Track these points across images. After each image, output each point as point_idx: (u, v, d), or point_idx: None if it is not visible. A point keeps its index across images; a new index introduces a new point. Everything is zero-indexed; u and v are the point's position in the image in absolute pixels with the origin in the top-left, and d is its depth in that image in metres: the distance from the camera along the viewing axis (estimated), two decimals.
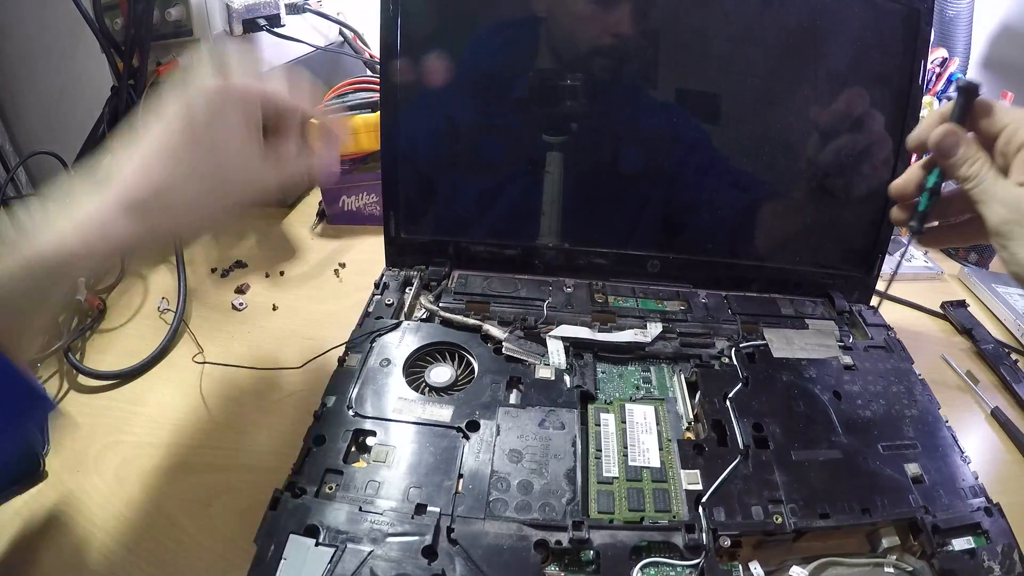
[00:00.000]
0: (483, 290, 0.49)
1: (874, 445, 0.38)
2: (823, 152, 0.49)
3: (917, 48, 0.47)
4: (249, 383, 0.46)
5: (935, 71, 0.65)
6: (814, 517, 0.34)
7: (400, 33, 0.47)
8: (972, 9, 0.69)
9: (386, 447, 0.36)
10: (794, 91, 0.48)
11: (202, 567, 0.34)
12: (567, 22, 0.48)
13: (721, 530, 0.32)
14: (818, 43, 0.47)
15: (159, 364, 0.48)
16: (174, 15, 0.59)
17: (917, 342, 0.51)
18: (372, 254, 0.61)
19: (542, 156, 0.50)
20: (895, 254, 0.38)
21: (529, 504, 0.33)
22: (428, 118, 0.50)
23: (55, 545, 0.35)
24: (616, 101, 0.49)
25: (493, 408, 0.39)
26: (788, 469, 0.36)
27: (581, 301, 0.49)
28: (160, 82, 0.60)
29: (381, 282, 0.50)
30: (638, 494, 0.34)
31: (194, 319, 0.53)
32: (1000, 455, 0.44)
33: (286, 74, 0.39)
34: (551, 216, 0.51)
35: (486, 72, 0.49)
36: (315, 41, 0.71)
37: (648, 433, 0.38)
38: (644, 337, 0.45)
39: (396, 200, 0.51)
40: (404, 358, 0.42)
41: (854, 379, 0.43)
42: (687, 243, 0.52)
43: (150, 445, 0.41)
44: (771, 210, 0.51)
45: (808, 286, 0.53)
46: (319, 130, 0.41)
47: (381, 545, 0.30)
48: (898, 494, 0.35)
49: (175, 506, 0.37)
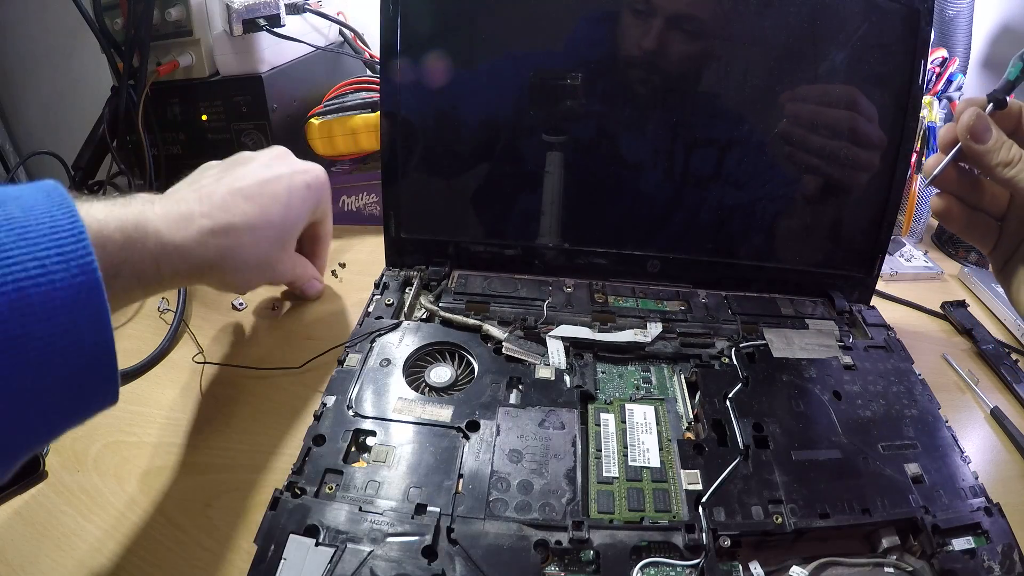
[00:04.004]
0: (483, 290, 0.49)
1: (874, 445, 0.38)
2: (823, 152, 0.49)
3: (917, 48, 0.47)
4: (249, 383, 0.46)
5: (935, 71, 0.65)
6: (814, 517, 0.34)
7: (400, 33, 0.47)
8: (972, 9, 0.69)
9: (386, 447, 0.36)
10: (794, 91, 0.48)
11: (202, 567, 0.34)
12: (567, 22, 0.48)
13: (721, 530, 0.32)
14: (818, 43, 0.47)
15: (159, 364, 0.48)
16: (174, 15, 0.59)
17: (917, 342, 0.51)
18: (372, 254, 0.62)
19: (542, 156, 0.50)
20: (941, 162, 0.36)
21: (529, 504, 0.33)
22: (428, 118, 0.50)
23: (55, 545, 0.35)
24: (616, 100, 0.49)
25: (493, 408, 0.39)
26: (788, 469, 0.36)
27: (581, 301, 0.49)
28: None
29: (381, 282, 0.50)
30: (638, 494, 0.34)
31: (194, 319, 0.53)
32: (1000, 455, 0.44)
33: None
34: (551, 216, 0.51)
35: (486, 72, 0.49)
36: (315, 41, 0.71)
37: (648, 433, 0.38)
38: (644, 337, 0.45)
39: (396, 200, 0.51)
40: (404, 358, 0.42)
41: (854, 379, 0.43)
42: (687, 243, 0.52)
43: (150, 445, 0.41)
44: (771, 210, 0.51)
45: (808, 286, 0.53)
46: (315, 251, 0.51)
47: (381, 545, 0.30)
48: (898, 494, 0.35)
49: (175, 506, 0.37)
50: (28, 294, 0.23)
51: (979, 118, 0.35)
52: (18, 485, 0.38)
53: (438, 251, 0.52)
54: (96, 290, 0.25)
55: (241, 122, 0.65)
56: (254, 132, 0.65)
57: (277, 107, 0.65)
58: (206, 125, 0.65)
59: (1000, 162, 0.34)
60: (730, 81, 0.48)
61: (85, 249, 0.25)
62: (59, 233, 0.24)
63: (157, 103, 0.64)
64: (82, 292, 0.24)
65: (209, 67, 0.63)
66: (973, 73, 0.77)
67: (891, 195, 0.50)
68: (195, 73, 0.63)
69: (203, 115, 0.65)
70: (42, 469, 0.39)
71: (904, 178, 0.50)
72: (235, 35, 0.61)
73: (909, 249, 0.66)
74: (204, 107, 0.65)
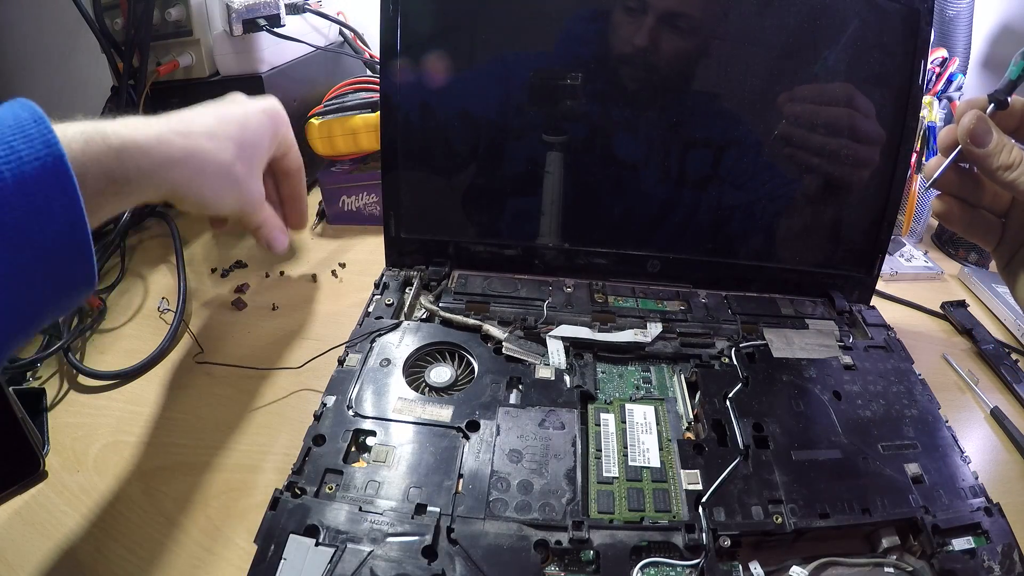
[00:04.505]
0: (483, 290, 0.49)
1: (874, 445, 0.38)
2: (823, 151, 0.49)
3: (917, 48, 0.47)
4: (249, 383, 0.46)
5: (935, 71, 0.65)
6: (814, 517, 0.34)
7: (400, 33, 0.47)
8: (972, 9, 0.69)
9: (386, 447, 0.36)
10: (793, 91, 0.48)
11: (202, 567, 0.34)
12: (567, 23, 0.48)
13: (721, 530, 0.32)
14: (818, 43, 0.47)
15: (159, 364, 0.48)
16: (174, 15, 0.59)
17: (917, 342, 0.51)
18: (372, 254, 0.62)
19: (542, 156, 0.50)
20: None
21: (529, 504, 0.33)
22: (428, 118, 0.50)
23: (55, 545, 0.35)
24: (617, 100, 0.49)
25: (493, 408, 0.39)
26: (788, 469, 0.36)
27: (581, 301, 0.49)
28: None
29: (381, 282, 0.50)
30: (638, 494, 0.34)
31: (194, 319, 0.53)
32: (1000, 455, 0.44)
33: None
34: (551, 216, 0.51)
35: (486, 71, 0.49)
36: (315, 41, 0.71)
37: (648, 433, 0.38)
38: (644, 337, 0.45)
39: (396, 200, 0.51)
40: (404, 358, 0.42)
41: (854, 379, 0.43)
42: (687, 243, 0.52)
43: (150, 445, 0.41)
44: (771, 210, 0.51)
45: (808, 286, 0.53)
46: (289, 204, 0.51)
47: (381, 545, 0.30)
48: (898, 494, 0.35)
49: (175, 506, 0.37)
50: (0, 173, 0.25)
51: (979, 121, 0.34)
52: (18, 485, 0.38)
53: (438, 251, 0.52)
54: (61, 164, 0.27)
55: None
56: None
57: None
58: None
59: (1001, 165, 0.34)
60: (730, 81, 0.48)
61: (48, 131, 0.27)
62: (23, 124, 0.27)
63: (157, 103, 0.64)
64: (48, 166, 0.27)
65: (209, 67, 0.63)
66: (973, 73, 0.77)
67: (891, 195, 0.50)
68: (195, 73, 0.63)
69: None
70: (42, 469, 0.39)
71: (904, 178, 0.50)
72: (235, 35, 0.61)
73: (909, 249, 0.66)
74: None
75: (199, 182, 0.40)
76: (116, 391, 0.46)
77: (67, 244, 0.28)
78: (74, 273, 0.29)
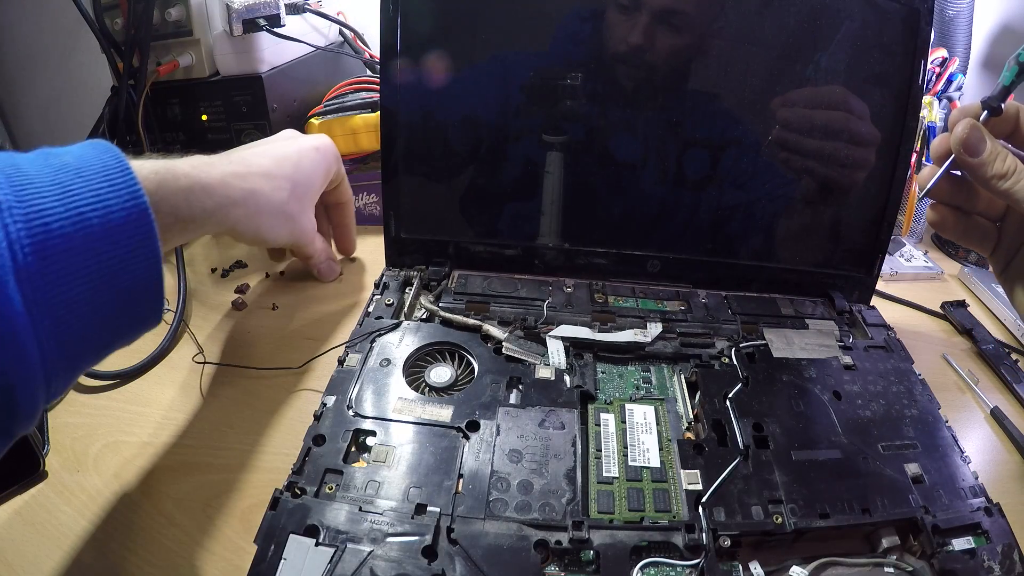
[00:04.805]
0: (483, 290, 0.49)
1: (874, 445, 0.38)
2: (821, 153, 0.49)
3: (917, 48, 0.47)
4: (249, 383, 0.46)
5: (935, 71, 0.65)
6: (814, 517, 0.34)
7: (400, 33, 0.47)
8: (972, 9, 0.69)
9: (386, 447, 0.36)
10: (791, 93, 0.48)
11: (202, 567, 0.34)
12: (567, 22, 0.48)
13: (721, 530, 0.32)
14: (818, 43, 0.47)
15: (159, 364, 0.48)
16: (174, 15, 0.59)
17: (917, 342, 0.51)
18: (372, 254, 0.62)
19: (542, 156, 0.50)
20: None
21: (529, 504, 0.33)
22: (428, 118, 0.50)
23: (55, 545, 0.35)
24: (617, 100, 0.49)
25: (493, 408, 0.39)
26: (788, 469, 0.36)
27: (581, 301, 0.49)
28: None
29: (381, 282, 0.50)
30: (638, 494, 0.34)
31: (194, 319, 0.53)
32: (1000, 455, 0.44)
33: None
34: (551, 216, 0.51)
35: (486, 71, 0.49)
36: (315, 41, 0.71)
37: (648, 433, 0.38)
38: (644, 337, 0.45)
39: (396, 200, 0.51)
40: (404, 358, 0.42)
41: (854, 379, 0.43)
42: (687, 243, 0.52)
43: (150, 445, 0.41)
44: (771, 210, 0.51)
45: (808, 286, 0.53)
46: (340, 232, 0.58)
47: (381, 545, 0.30)
48: (898, 494, 0.35)
49: (175, 506, 0.37)
50: (88, 219, 0.27)
51: (973, 130, 0.34)
52: (18, 485, 0.38)
53: (438, 251, 0.52)
54: (144, 213, 0.29)
55: (241, 122, 0.65)
56: (254, 132, 0.65)
57: (277, 107, 0.65)
58: (206, 125, 0.65)
59: (995, 175, 0.34)
60: (729, 80, 0.48)
61: (133, 181, 0.29)
62: (109, 171, 0.29)
63: (157, 103, 0.64)
64: (132, 218, 0.29)
65: (209, 67, 0.63)
66: (973, 73, 0.77)
67: (891, 195, 0.50)
68: (195, 73, 0.63)
69: (203, 115, 0.65)
70: (42, 469, 0.39)
71: (904, 178, 0.50)
72: (235, 35, 0.61)
73: (909, 249, 0.66)
74: (204, 107, 0.65)
75: (257, 220, 0.43)
76: (116, 391, 0.46)
77: (143, 287, 0.30)
78: (145, 311, 0.31)
